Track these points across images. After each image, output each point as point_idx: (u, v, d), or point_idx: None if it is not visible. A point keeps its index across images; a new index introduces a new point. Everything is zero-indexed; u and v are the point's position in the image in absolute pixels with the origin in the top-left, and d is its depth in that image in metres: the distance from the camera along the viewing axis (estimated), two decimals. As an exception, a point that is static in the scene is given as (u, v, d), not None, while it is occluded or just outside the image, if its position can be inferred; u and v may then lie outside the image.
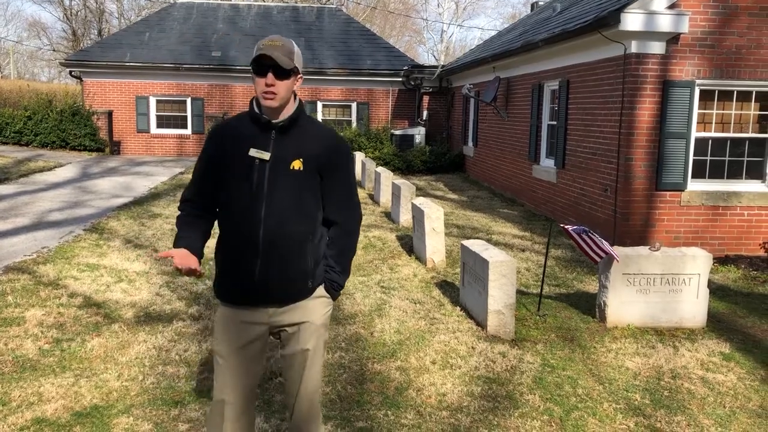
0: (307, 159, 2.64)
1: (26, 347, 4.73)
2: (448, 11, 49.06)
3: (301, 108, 2.70)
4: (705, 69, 8.10)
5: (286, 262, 2.63)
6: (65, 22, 48.14)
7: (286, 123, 2.64)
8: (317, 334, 2.76)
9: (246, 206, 2.62)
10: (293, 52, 2.60)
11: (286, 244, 2.63)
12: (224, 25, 21.91)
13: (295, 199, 2.64)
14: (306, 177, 2.65)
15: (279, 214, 2.62)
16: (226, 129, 2.73)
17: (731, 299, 6.61)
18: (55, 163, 16.00)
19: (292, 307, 2.70)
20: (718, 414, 4.12)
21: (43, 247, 7.80)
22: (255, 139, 2.64)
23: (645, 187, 8.29)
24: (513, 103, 13.20)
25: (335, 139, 2.75)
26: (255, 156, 2.62)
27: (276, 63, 2.53)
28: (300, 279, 2.67)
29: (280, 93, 2.58)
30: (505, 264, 5.19)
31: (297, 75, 2.64)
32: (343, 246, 2.78)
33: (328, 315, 2.81)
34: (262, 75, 2.57)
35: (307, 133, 2.69)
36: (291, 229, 2.63)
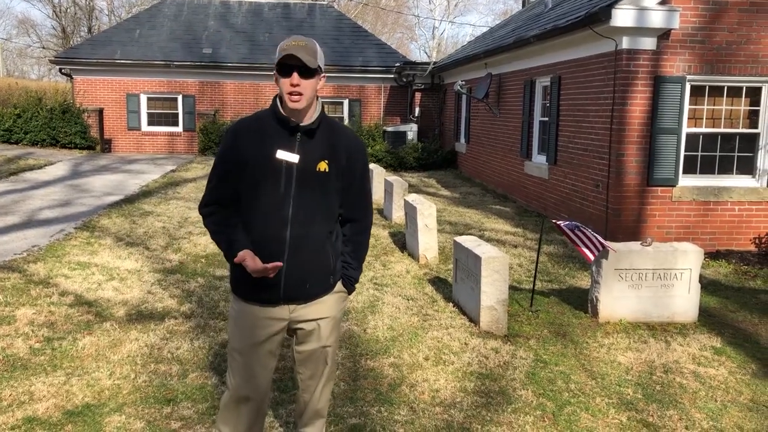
0: (332, 160, 2.71)
1: (17, 346, 4.70)
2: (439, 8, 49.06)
3: (323, 109, 2.76)
4: (696, 65, 8.12)
5: (312, 260, 2.71)
6: (55, 20, 47.82)
7: (314, 125, 2.69)
8: (335, 328, 2.87)
9: (273, 207, 2.66)
10: (317, 51, 2.62)
11: (312, 243, 2.70)
12: (215, 22, 21.82)
13: (321, 199, 2.71)
14: (331, 178, 2.71)
15: (305, 214, 2.68)
16: (249, 128, 2.71)
17: (722, 294, 6.64)
18: (45, 161, 15.91)
19: (313, 303, 2.77)
20: (710, 408, 4.14)
21: (34, 245, 7.75)
22: (281, 140, 2.66)
23: (636, 182, 8.32)
24: (505, 100, 13.22)
25: (357, 140, 2.84)
26: (283, 158, 2.64)
27: (302, 63, 2.54)
28: (324, 276, 2.76)
29: (306, 93, 2.60)
30: (498, 260, 5.20)
31: (321, 74, 2.66)
32: (360, 242, 2.89)
33: (344, 309, 2.94)
34: (287, 75, 2.57)
35: (331, 134, 2.75)
36: (316, 229, 2.71)
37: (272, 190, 2.64)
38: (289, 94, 2.57)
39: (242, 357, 2.76)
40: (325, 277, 2.76)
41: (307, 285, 2.72)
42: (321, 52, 2.68)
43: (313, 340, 2.81)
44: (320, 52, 2.66)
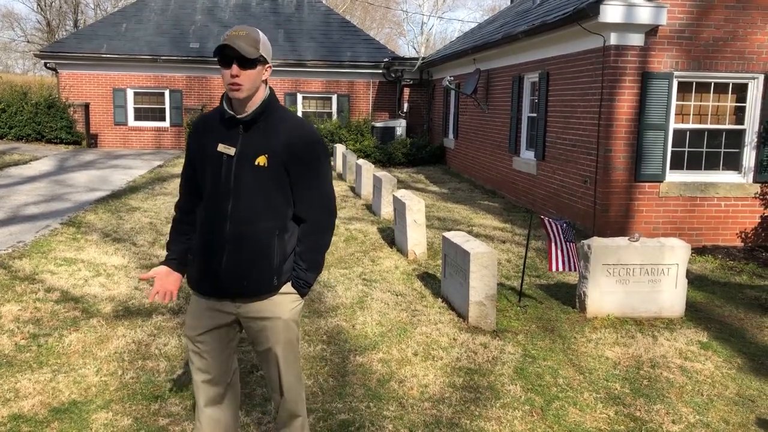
0: (272, 154, 2.60)
1: (2, 343, 4.66)
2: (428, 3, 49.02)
3: (269, 100, 2.65)
4: (683, 61, 8.17)
5: (251, 257, 2.63)
6: (40, 13, 47.29)
7: (249, 117, 2.60)
8: (286, 329, 2.74)
9: (214, 201, 2.64)
10: (259, 40, 2.56)
11: (252, 240, 2.62)
12: (202, 16, 21.68)
13: (261, 195, 2.61)
14: (271, 173, 2.61)
15: (245, 210, 2.61)
16: (201, 124, 2.75)
17: (709, 289, 6.69)
18: (30, 157, 15.75)
19: (258, 302, 2.69)
20: (696, 402, 4.17)
21: (19, 241, 7.67)
22: (224, 133, 2.64)
23: (624, 178, 8.36)
24: (493, 95, 13.23)
25: (303, 132, 2.66)
26: (222, 151, 2.62)
27: (239, 53, 2.49)
28: (265, 275, 2.65)
29: (245, 84, 2.54)
30: (486, 255, 5.20)
31: (265, 65, 2.61)
32: (312, 243, 2.73)
33: (296, 310, 2.77)
34: (227, 66, 2.53)
35: (275, 127, 2.64)
36: (257, 225, 2.62)
37: (214, 185, 2.63)
38: (229, 85, 2.54)
39: (192, 344, 2.78)
40: (266, 277, 2.65)
41: (245, 282, 2.64)
42: (265, 41, 2.62)
43: (262, 341, 2.75)
44: (264, 41, 2.60)
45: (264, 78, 2.62)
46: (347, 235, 8.48)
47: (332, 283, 6.37)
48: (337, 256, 7.49)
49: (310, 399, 3.94)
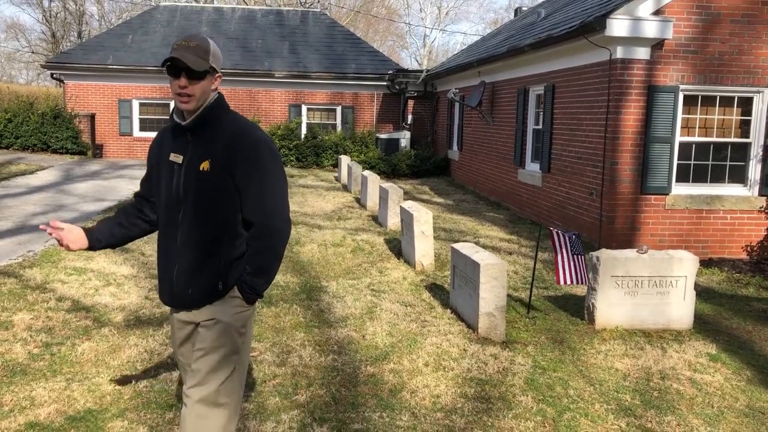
0: (214, 159, 2.58)
1: (15, 351, 4.69)
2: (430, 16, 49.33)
3: (214, 105, 2.63)
4: (689, 74, 8.23)
5: (198, 265, 2.62)
6: (44, 24, 47.63)
7: (190, 125, 2.61)
8: (223, 334, 2.66)
9: (167, 210, 2.67)
10: (209, 51, 2.55)
11: (200, 246, 2.62)
12: (208, 28, 21.82)
13: (207, 201, 2.60)
14: (215, 178, 2.58)
15: (192, 217, 2.61)
16: (160, 135, 2.80)
17: (716, 301, 6.71)
18: (37, 167, 15.82)
19: (205, 307, 2.68)
20: (707, 414, 4.19)
21: (29, 250, 7.71)
22: (176, 143, 2.67)
23: (630, 190, 8.40)
24: (498, 108, 13.30)
25: (245, 135, 2.61)
26: (173, 160, 2.65)
27: (187, 66, 2.49)
28: (210, 282, 2.63)
29: (195, 95, 2.55)
30: (496, 267, 5.23)
31: (214, 75, 2.61)
32: (257, 248, 2.64)
33: (240, 316, 2.70)
34: (176, 77, 2.52)
35: (217, 132, 2.62)
36: (205, 231, 2.61)
37: (167, 193, 2.65)
38: (177, 95, 2.54)
39: (175, 356, 2.84)
40: (211, 284, 2.62)
41: (190, 290, 2.63)
42: (216, 51, 2.60)
43: (198, 340, 2.68)
44: (214, 51, 2.59)
45: (214, 87, 2.63)
46: (354, 246, 8.51)
47: (341, 293, 6.39)
48: (344, 266, 7.52)
49: (323, 408, 3.96)
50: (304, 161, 18.70)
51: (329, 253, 8.12)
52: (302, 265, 7.50)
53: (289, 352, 4.86)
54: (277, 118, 20.17)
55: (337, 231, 9.49)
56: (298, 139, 18.80)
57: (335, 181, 16.07)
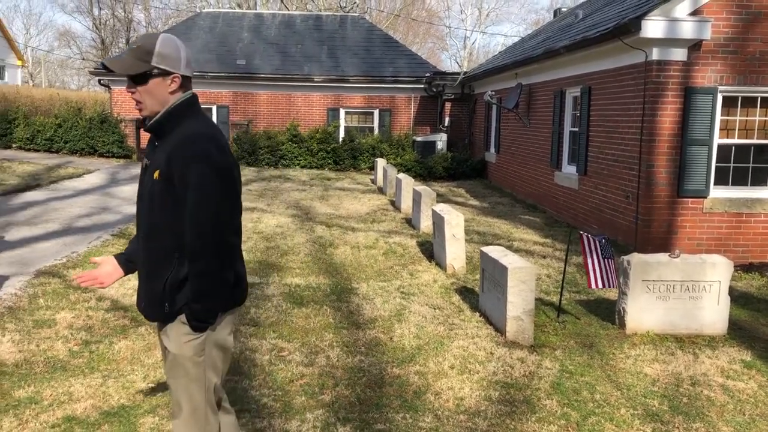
0: (162, 168, 2.42)
1: (57, 348, 4.89)
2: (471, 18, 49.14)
3: (173, 111, 2.45)
4: (728, 75, 8.06)
5: (148, 279, 2.51)
6: (94, 32, 49.14)
7: (148, 129, 2.50)
8: (174, 365, 2.52)
9: (136, 218, 2.60)
10: (151, 52, 2.36)
11: (150, 259, 2.50)
12: (249, 34, 22.21)
13: (157, 212, 2.45)
14: (162, 188, 2.42)
15: (144, 228, 2.51)
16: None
17: (754, 307, 6.56)
18: (84, 170, 16.35)
19: (164, 328, 2.55)
20: (738, 421, 4.12)
21: (73, 251, 8.01)
22: (151, 146, 2.57)
23: (667, 193, 8.27)
24: (535, 110, 13.22)
25: (186, 147, 2.40)
26: (145, 163, 2.57)
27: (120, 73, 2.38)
28: (156, 299, 2.47)
29: (146, 101, 2.43)
30: (524, 270, 5.24)
31: (166, 75, 2.41)
32: (193, 271, 2.42)
33: (190, 345, 2.48)
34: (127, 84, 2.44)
35: (170, 138, 2.45)
36: (154, 243, 2.48)
37: (138, 199, 2.57)
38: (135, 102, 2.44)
39: None
40: (157, 303, 2.47)
41: (142, 303, 2.54)
42: (166, 49, 2.39)
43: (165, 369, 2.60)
44: (162, 51, 2.37)
45: (171, 90, 2.44)
46: (386, 249, 8.58)
47: (371, 295, 6.47)
48: (376, 269, 7.60)
49: (348, 408, 4.03)
50: (342, 164, 18.87)
51: (361, 256, 8.20)
52: (334, 267, 7.60)
53: (317, 352, 4.95)
54: (316, 122, 20.39)
55: (371, 233, 9.58)
56: (336, 143, 18.99)
57: (371, 183, 16.18)
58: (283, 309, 5.96)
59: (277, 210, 11.57)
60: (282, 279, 7.02)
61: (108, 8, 47.70)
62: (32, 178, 14.45)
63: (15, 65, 42.18)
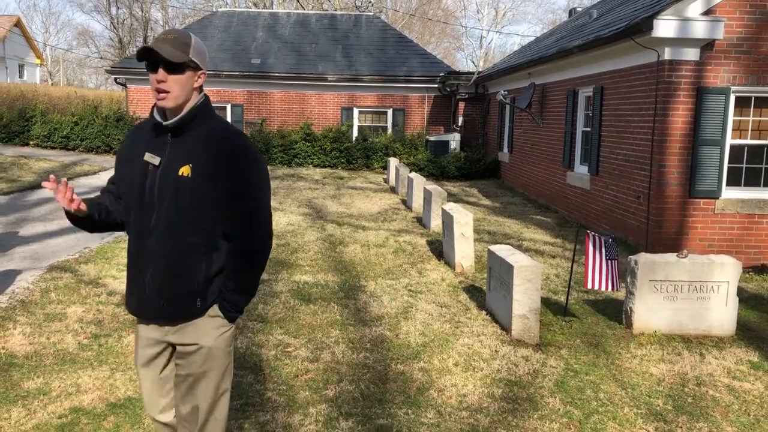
0: (196, 165, 2.39)
1: (67, 341, 4.97)
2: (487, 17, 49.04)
3: (200, 107, 2.46)
4: (741, 75, 8.00)
5: (173, 277, 2.42)
6: (112, 31, 49.63)
7: (176, 124, 2.43)
8: (208, 359, 2.49)
9: (139, 214, 2.46)
10: (189, 45, 2.38)
11: (174, 257, 2.41)
12: (264, 33, 22.33)
13: (185, 208, 2.40)
14: (195, 185, 2.39)
15: (166, 224, 2.41)
16: (133, 130, 2.61)
17: (764, 308, 6.51)
18: (99, 168, 16.53)
19: (184, 325, 2.48)
20: (742, 422, 4.10)
21: (85, 247, 8.12)
22: (153, 142, 2.47)
23: (678, 194, 8.22)
24: (548, 110, 13.18)
25: (231, 143, 2.44)
26: (148, 161, 2.45)
27: (164, 57, 2.31)
28: (187, 296, 2.44)
29: (173, 90, 2.37)
30: (530, 269, 5.24)
31: (197, 71, 2.43)
32: (238, 264, 2.47)
33: (224, 337, 2.52)
34: (154, 71, 2.35)
35: (202, 135, 2.44)
36: (180, 240, 2.41)
37: (138, 196, 2.45)
38: (156, 91, 2.37)
39: (138, 376, 2.63)
40: (188, 299, 2.43)
41: (163, 303, 2.42)
42: (198, 45, 2.42)
43: (182, 365, 2.50)
44: (196, 45, 2.40)
45: (197, 85, 2.45)
46: (396, 247, 8.61)
47: (378, 293, 6.50)
48: (385, 267, 7.62)
49: (351, 403, 4.06)
50: (355, 163, 18.92)
51: (371, 254, 8.24)
52: (344, 265, 7.64)
53: (323, 348, 4.99)
54: (329, 121, 20.45)
55: (381, 232, 9.61)
56: (349, 142, 19.03)
57: (384, 183, 16.21)
58: (290, 306, 6.01)
59: (288, 208, 11.64)
60: (291, 276, 7.07)
61: (126, 7, 48.18)
62: (48, 174, 14.62)
63: (34, 64, 42.71)
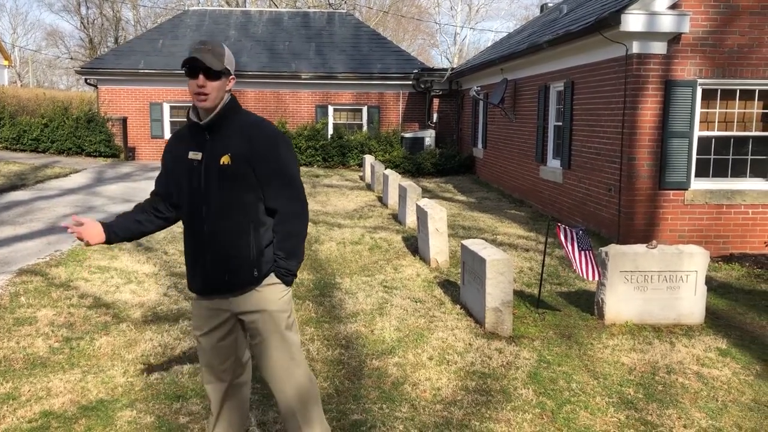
0: (234, 153, 2.78)
1: (37, 345, 4.90)
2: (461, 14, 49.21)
3: (229, 105, 2.84)
4: (707, 68, 8.13)
5: (228, 254, 2.81)
6: (82, 31, 48.90)
7: (211, 122, 2.80)
8: (275, 320, 2.90)
9: (190, 205, 2.86)
10: (223, 54, 2.78)
11: (228, 236, 2.81)
12: (236, 31, 22.18)
13: (231, 193, 2.80)
14: (236, 171, 2.78)
15: (217, 209, 2.80)
16: (176, 136, 3.00)
17: (732, 296, 6.64)
18: (70, 170, 16.30)
19: (246, 295, 2.87)
20: (710, 407, 4.18)
21: (56, 250, 8.00)
22: (193, 142, 2.86)
23: (648, 186, 8.34)
24: (520, 105, 13.28)
25: (262, 129, 2.85)
26: (192, 158, 2.84)
27: (206, 65, 2.70)
28: (244, 269, 2.83)
29: (211, 93, 2.75)
30: (502, 262, 5.28)
31: (228, 76, 2.82)
32: (286, 232, 2.88)
33: (284, 300, 2.93)
34: (194, 77, 2.74)
35: (235, 127, 2.83)
36: (231, 222, 2.80)
37: (188, 189, 2.85)
38: (195, 95, 2.74)
39: (198, 344, 3.01)
40: (246, 270, 2.83)
41: (226, 277, 2.82)
42: (230, 55, 2.82)
43: (256, 333, 2.92)
44: (228, 55, 2.81)
45: (228, 88, 2.84)
46: (372, 244, 8.62)
47: (354, 290, 6.50)
48: (360, 264, 7.63)
49: (326, 400, 4.06)
50: (330, 161, 18.89)
51: (347, 251, 8.24)
52: (319, 263, 7.63)
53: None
54: (304, 119, 20.39)
55: (357, 229, 9.61)
56: (325, 140, 19.00)
57: (360, 180, 16.21)
58: (265, 304, 5.98)
59: (263, 207, 11.57)
60: (265, 275, 7.04)
61: (96, 7, 47.52)
62: (18, 177, 14.40)
63: (1, 65, 41.91)
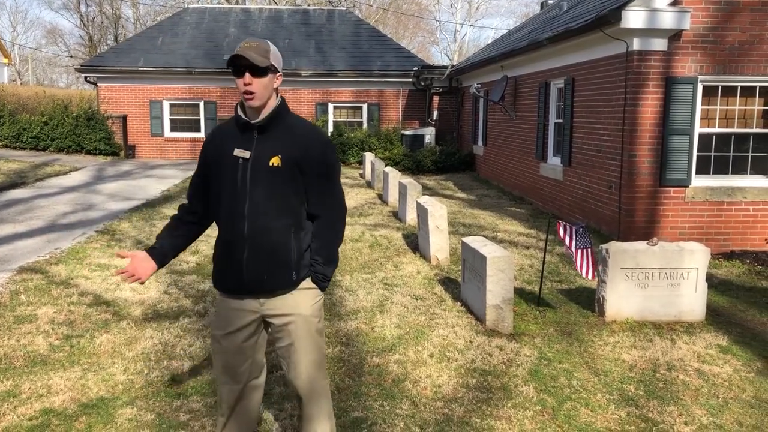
0: (285, 155, 2.75)
1: (37, 343, 4.90)
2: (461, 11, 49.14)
3: (281, 106, 2.82)
4: (707, 65, 8.12)
5: (269, 255, 2.76)
6: (82, 29, 48.87)
7: (264, 122, 2.77)
8: (307, 325, 2.86)
9: (232, 203, 2.78)
10: (269, 51, 2.73)
11: (269, 237, 2.76)
12: (236, 29, 22.15)
13: (275, 194, 2.76)
14: (285, 173, 2.75)
15: (260, 209, 2.75)
16: (217, 132, 2.92)
17: (733, 293, 6.63)
18: (70, 167, 16.29)
19: (280, 298, 2.83)
20: (711, 404, 4.18)
21: (56, 248, 8.00)
22: (239, 139, 2.80)
23: (649, 183, 8.33)
24: (520, 102, 13.26)
25: (314, 136, 2.83)
26: (238, 155, 2.78)
27: (251, 63, 2.65)
28: (283, 271, 2.79)
29: (258, 91, 2.71)
30: (503, 259, 5.28)
31: (275, 73, 2.78)
32: (326, 238, 2.88)
33: (317, 305, 2.90)
34: (240, 75, 2.70)
35: (287, 130, 2.80)
36: (273, 223, 2.76)
37: (230, 187, 2.78)
38: (243, 93, 2.71)
39: (218, 343, 2.93)
40: (285, 272, 2.80)
41: (265, 277, 2.78)
42: (276, 51, 2.78)
43: (284, 336, 2.87)
44: (274, 51, 2.77)
45: (275, 86, 2.79)
46: (372, 241, 8.61)
47: (354, 287, 6.50)
48: (361, 261, 7.63)
49: (326, 397, 4.06)
50: (330, 159, 18.85)
51: (347, 249, 8.23)
52: (319, 261, 7.62)
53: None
54: (304, 117, 20.35)
55: (357, 227, 9.60)
56: (324, 137, 18.96)
57: (360, 178, 16.20)
58: (265, 301, 5.98)
59: (263, 205, 11.56)
60: (266, 272, 7.03)
61: (96, 5, 47.47)
62: (18, 175, 14.39)
63: (1, 63, 41.88)
